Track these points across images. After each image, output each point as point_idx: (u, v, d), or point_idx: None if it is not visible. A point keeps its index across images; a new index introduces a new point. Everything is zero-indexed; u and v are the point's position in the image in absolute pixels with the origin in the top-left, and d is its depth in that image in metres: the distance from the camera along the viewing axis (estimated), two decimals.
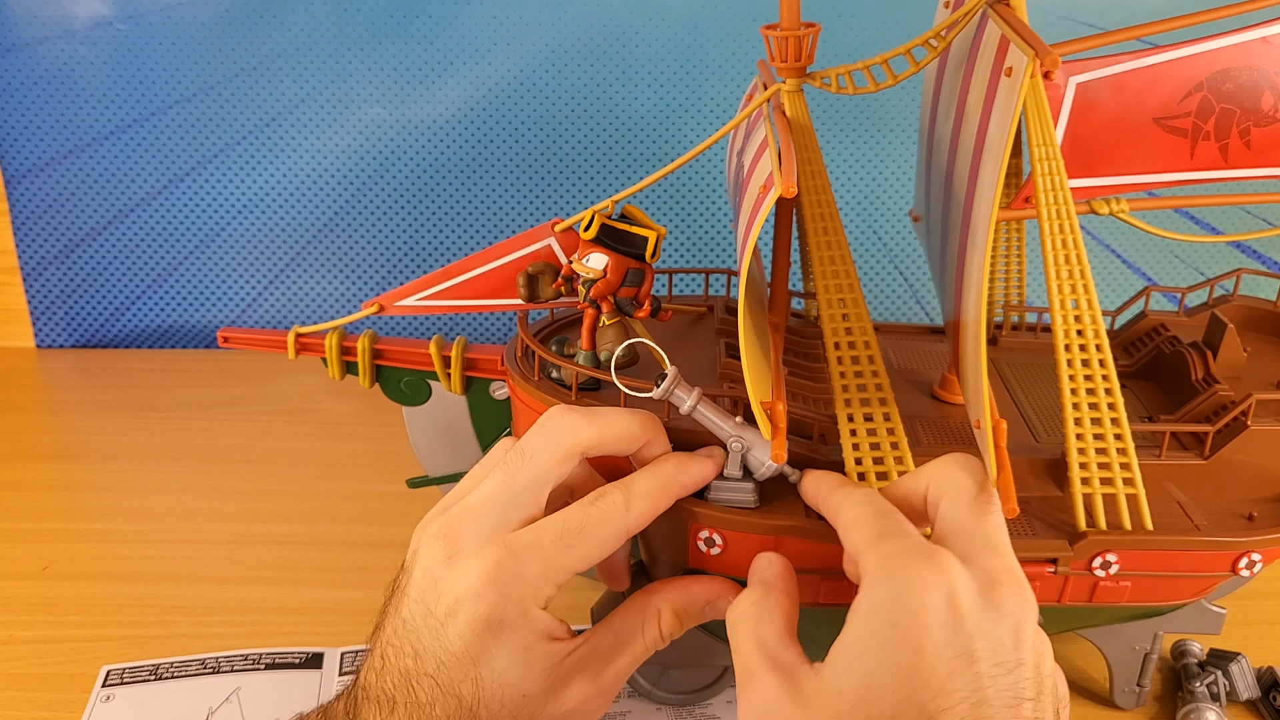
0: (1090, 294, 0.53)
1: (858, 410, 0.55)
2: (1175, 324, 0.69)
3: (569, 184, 1.06)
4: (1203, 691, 0.63)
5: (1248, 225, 1.05)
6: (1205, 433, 0.58)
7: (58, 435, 0.98)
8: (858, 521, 0.47)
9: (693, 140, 1.04)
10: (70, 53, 1.00)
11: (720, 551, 0.54)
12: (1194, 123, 0.56)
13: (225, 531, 0.81)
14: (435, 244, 1.09)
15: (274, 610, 0.72)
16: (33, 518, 0.83)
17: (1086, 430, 0.53)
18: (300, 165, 1.05)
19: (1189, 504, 0.56)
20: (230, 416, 0.99)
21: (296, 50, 1.00)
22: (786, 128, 0.53)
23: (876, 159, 1.05)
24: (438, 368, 0.63)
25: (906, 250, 1.09)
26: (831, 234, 0.56)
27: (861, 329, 0.56)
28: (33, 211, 1.06)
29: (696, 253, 1.09)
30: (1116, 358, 0.69)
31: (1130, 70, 0.55)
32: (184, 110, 1.03)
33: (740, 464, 0.53)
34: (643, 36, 1.00)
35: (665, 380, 0.52)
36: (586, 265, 0.56)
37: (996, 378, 0.67)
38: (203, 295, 1.11)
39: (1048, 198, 0.52)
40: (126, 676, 0.66)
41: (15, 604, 0.73)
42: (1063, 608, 0.56)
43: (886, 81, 0.56)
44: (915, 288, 1.11)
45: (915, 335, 0.74)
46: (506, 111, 1.03)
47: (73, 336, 1.12)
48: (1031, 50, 0.47)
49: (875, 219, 1.08)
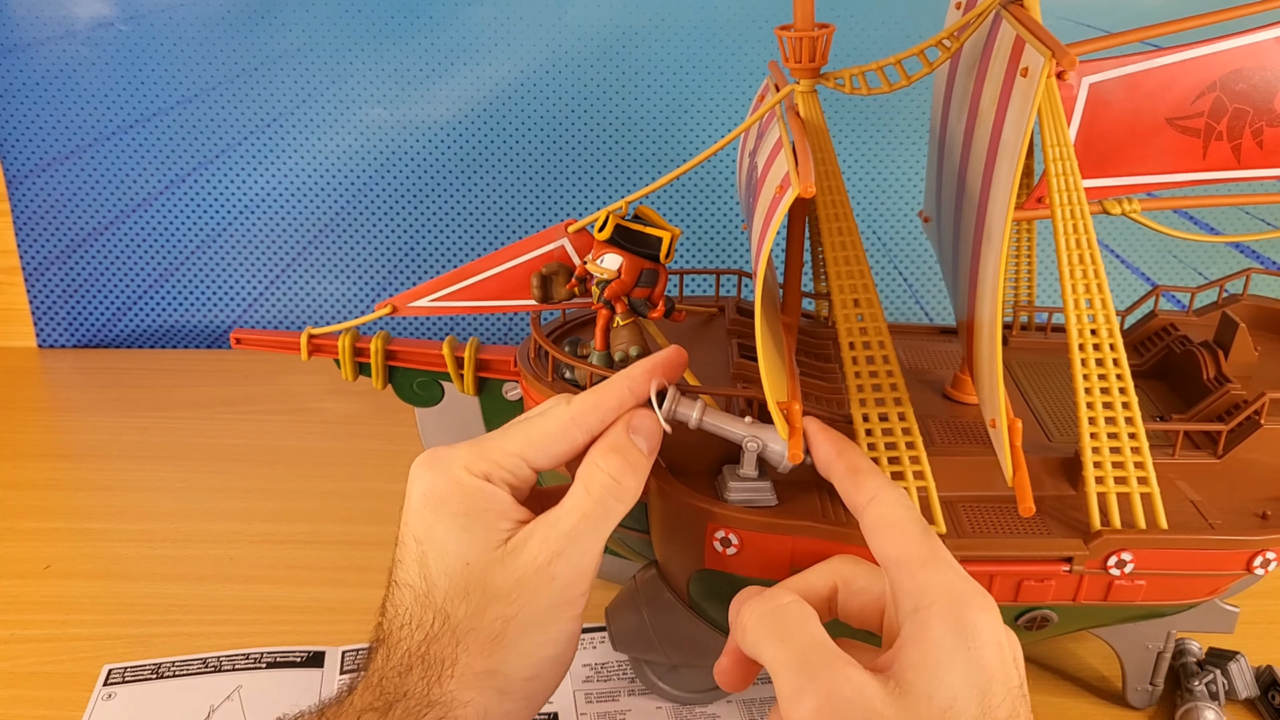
0: (1104, 294, 0.53)
1: (873, 410, 0.55)
2: (1185, 324, 0.69)
3: (569, 184, 1.06)
4: (1201, 690, 0.63)
5: (1249, 226, 1.05)
6: (1219, 431, 0.58)
7: (59, 435, 0.98)
8: (901, 528, 0.47)
9: (693, 141, 1.04)
10: (72, 53, 1.00)
11: (736, 552, 0.54)
12: (1207, 123, 0.56)
13: (226, 531, 0.81)
14: (436, 244, 1.09)
15: (275, 609, 0.73)
16: (35, 517, 0.83)
17: (1101, 429, 0.53)
18: (301, 166, 1.05)
19: (1203, 503, 0.56)
20: (232, 416, 0.99)
21: (297, 51, 1.01)
22: (802, 128, 0.53)
23: (878, 160, 1.05)
24: (450, 369, 0.63)
25: (906, 251, 1.09)
26: (846, 234, 0.57)
27: (876, 329, 0.56)
28: (34, 211, 1.06)
29: (708, 253, 1.09)
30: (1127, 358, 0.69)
31: (1143, 70, 0.55)
32: (185, 111, 1.03)
33: (755, 464, 0.53)
34: (643, 37, 1.00)
35: (665, 401, 0.51)
36: (601, 266, 0.56)
37: (1008, 377, 0.67)
38: (204, 295, 1.11)
39: (1062, 198, 0.53)
40: (128, 675, 0.66)
41: (17, 603, 0.73)
42: (1078, 606, 0.56)
43: (900, 82, 0.56)
44: (915, 288, 1.11)
45: (925, 336, 0.74)
46: (506, 111, 1.03)
47: (74, 336, 1.12)
48: (1048, 50, 0.47)
49: (876, 220, 1.08)
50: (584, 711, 0.64)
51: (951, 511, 0.56)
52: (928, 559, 0.45)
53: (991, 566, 0.54)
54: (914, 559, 0.45)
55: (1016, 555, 0.54)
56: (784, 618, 0.45)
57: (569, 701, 0.64)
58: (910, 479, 0.54)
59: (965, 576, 0.45)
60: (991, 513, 0.56)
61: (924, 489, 0.54)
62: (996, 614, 0.44)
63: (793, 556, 0.54)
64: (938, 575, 0.44)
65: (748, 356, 0.62)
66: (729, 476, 0.54)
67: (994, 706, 0.41)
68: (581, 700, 0.64)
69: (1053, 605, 0.56)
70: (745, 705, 0.64)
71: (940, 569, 0.45)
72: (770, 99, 0.59)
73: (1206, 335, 0.66)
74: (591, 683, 0.66)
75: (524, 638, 0.47)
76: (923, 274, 1.10)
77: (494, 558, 0.47)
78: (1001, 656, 0.43)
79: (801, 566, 0.54)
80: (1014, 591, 0.55)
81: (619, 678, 0.65)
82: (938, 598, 0.43)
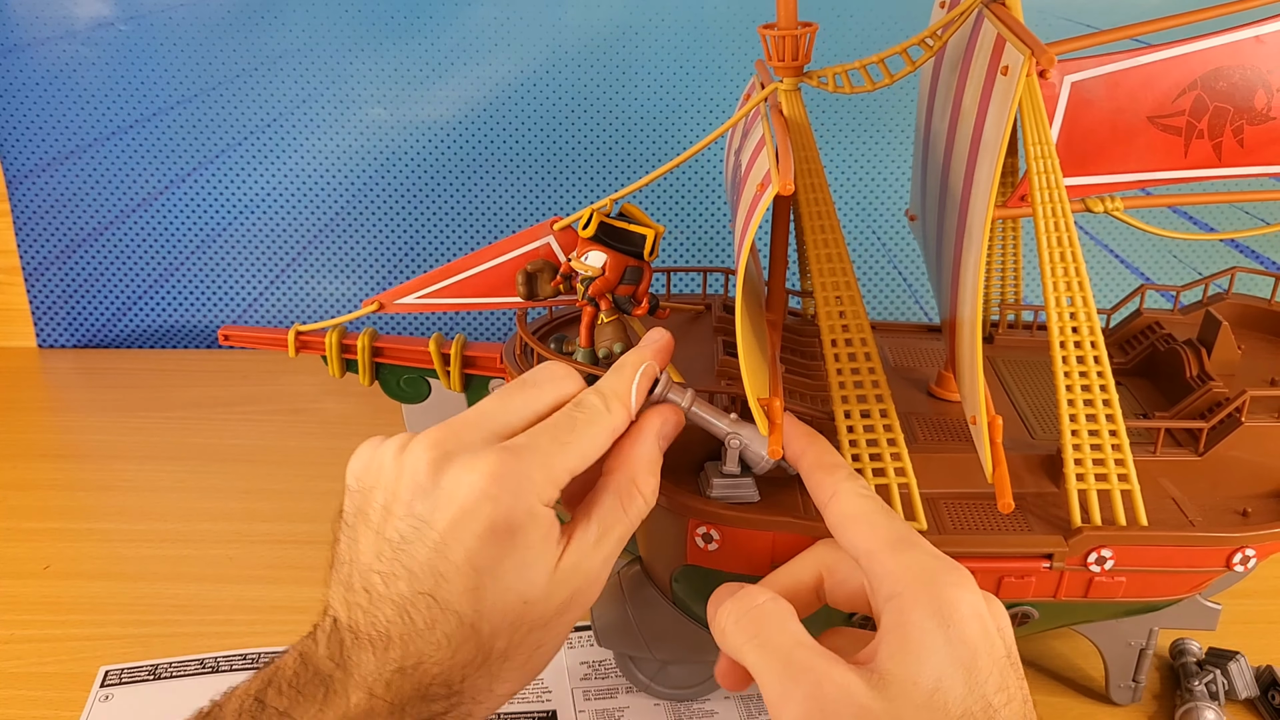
0: (1085, 291, 0.53)
1: (855, 408, 0.55)
2: (1170, 322, 0.70)
3: (569, 184, 1.07)
4: (1201, 690, 0.64)
5: (1244, 223, 1.06)
6: (1200, 429, 0.58)
7: (59, 435, 0.98)
8: (865, 518, 0.47)
9: (691, 140, 1.04)
10: (72, 53, 1.00)
11: (718, 548, 0.55)
12: (1188, 121, 0.56)
13: (226, 531, 0.81)
14: (435, 244, 1.10)
15: (274, 609, 0.73)
16: (34, 517, 0.83)
17: (1082, 426, 0.54)
18: (301, 166, 1.06)
19: (1184, 500, 0.57)
20: (231, 416, 0.99)
21: (297, 51, 1.01)
22: (784, 126, 0.54)
23: (873, 159, 1.05)
24: (437, 365, 0.63)
25: (904, 249, 1.10)
26: (829, 232, 0.57)
27: (859, 326, 0.56)
28: (35, 212, 1.06)
29: (695, 251, 1.10)
30: (1112, 355, 0.69)
31: (1124, 69, 0.55)
32: (185, 111, 1.03)
33: (738, 460, 0.54)
34: (642, 37, 1.00)
35: (657, 387, 0.51)
36: (585, 263, 0.56)
37: (993, 375, 0.68)
38: (204, 295, 1.11)
39: (1043, 195, 0.53)
40: (125, 676, 0.66)
41: (16, 603, 0.73)
42: (1059, 603, 0.56)
43: (883, 81, 0.56)
44: (913, 287, 1.12)
45: (912, 333, 0.74)
46: (506, 111, 1.04)
47: (74, 336, 1.13)
48: (1027, 49, 0.47)
49: (873, 218, 1.08)
50: (582, 709, 0.64)
51: (933, 508, 0.56)
52: (895, 543, 0.45)
53: (972, 563, 0.53)
54: (880, 547, 0.45)
55: (997, 552, 0.54)
56: (762, 620, 0.44)
57: (567, 699, 0.65)
58: (891, 475, 0.54)
59: (935, 554, 0.45)
60: (973, 509, 0.56)
61: (905, 485, 0.54)
62: (972, 586, 0.44)
63: (773, 552, 0.54)
64: (906, 558, 0.45)
65: (733, 354, 0.62)
66: (711, 473, 0.55)
67: (982, 680, 0.41)
68: (580, 698, 0.65)
69: (1033, 602, 0.56)
70: (743, 701, 0.64)
71: (907, 551, 0.45)
72: (754, 97, 0.59)
73: (1191, 333, 0.66)
74: (589, 680, 0.66)
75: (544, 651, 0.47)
76: (920, 272, 1.11)
77: (547, 591, 0.45)
78: (984, 628, 0.43)
79: (782, 562, 0.54)
80: (995, 588, 0.55)
81: (617, 675, 0.65)
82: (909, 581, 0.43)
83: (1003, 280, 0.73)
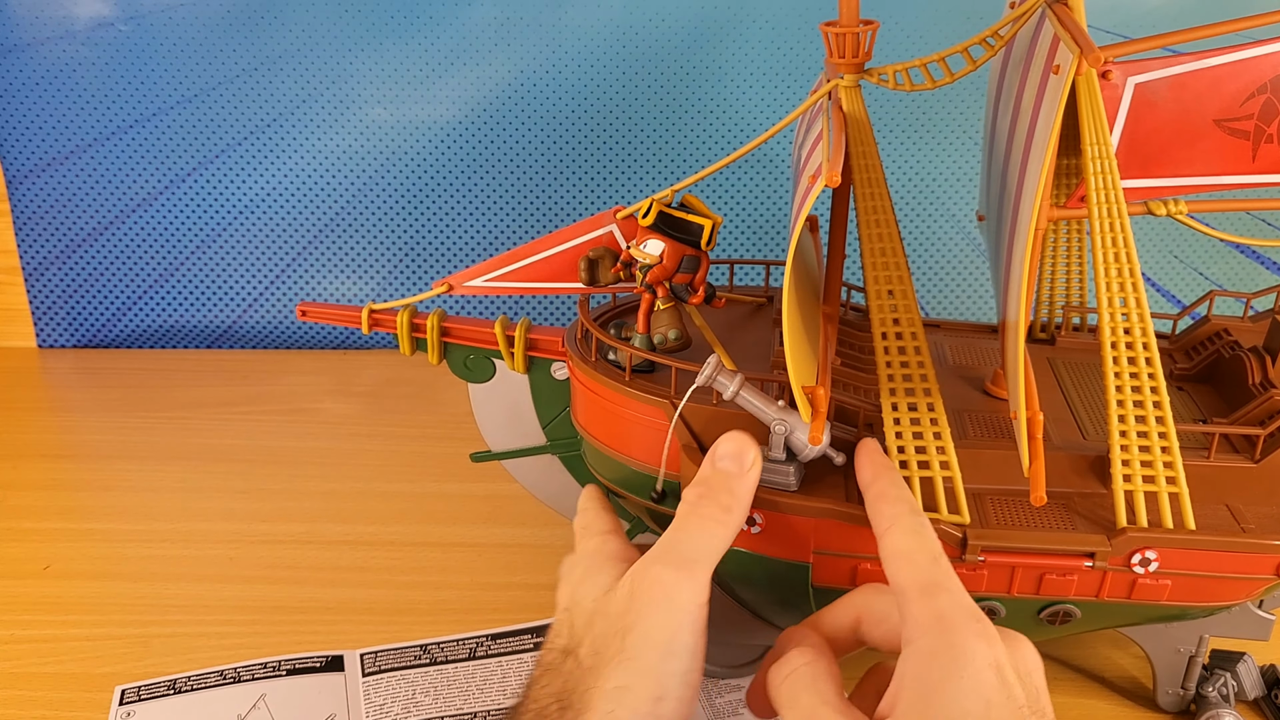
0: (1139, 293, 0.53)
1: (902, 399, 0.56)
2: (1238, 329, 0.69)
3: (569, 184, 1.07)
4: (1216, 696, 0.63)
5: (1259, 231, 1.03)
6: (1256, 436, 0.58)
7: (59, 435, 0.99)
8: (909, 557, 0.48)
9: (693, 140, 1.04)
10: (72, 53, 1.01)
11: (760, 530, 0.56)
12: (1256, 125, 0.55)
13: (226, 531, 0.81)
14: (436, 244, 1.10)
15: (274, 609, 0.73)
16: (34, 517, 0.83)
17: (1130, 428, 0.53)
18: (301, 166, 1.06)
19: (1238, 506, 0.56)
20: (231, 416, 0.99)
21: (297, 51, 1.01)
22: (841, 121, 0.55)
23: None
24: (502, 347, 0.65)
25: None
26: (884, 226, 0.57)
27: (910, 319, 0.56)
28: (34, 212, 1.07)
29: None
30: (1178, 361, 0.69)
31: (1190, 71, 0.54)
32: (185, 111, 1.03)
33: (783, 446, 0.55)
34: (643, 37, 1.00)
35: (706, 368, 0.53)
36: (644, 251, 0.58)
37: (1050, 376, 0.67)
38: (204, 295, 1.11)
39: (1099, 196, 0.53)
40: (143, 693, 0.65)
41: (17, 603, 0.73)
42: (1102, 603, 0.56)
43: (944, 79, 0.56)
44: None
45: (973, 333, 0.74)
46: (506, 111, 1.04)
47: (74, 336, 1.13)
48: (1078, 48, 0.47)
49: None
50: None
51: (978, 503, 0.57)
52: (926, 587, 0.46)
53: (1013, 558, 0.55)
54: (913, 589, 0.46)
55: (1039, 548, 0.54)
56: (795, 682, 0.47)
57: None
58: (936, 469, 0.55)
59: (960, 603, 0.45)
60: (1018, 506, 0.56)
61: (949, 479, 0.55)
62: (992, 636, 0.44)
63: (814, 538, 0.55)
64: (931, 604, 0.45)
65: None
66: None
67: None
68: None
69: (1075, 600, 0.56)
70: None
71: (935, 596, 0.46)
72: (816, 92, 0.60)
73: (1258, 341, 0.65)
74: None
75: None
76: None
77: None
78: (1001, 679, 0.43)
79: (822, 549, 0.56)
80: (1036, 585, 0.55)
81: None
82: (928, 629, 0.44)
83: (1067, 282, 0.72)
